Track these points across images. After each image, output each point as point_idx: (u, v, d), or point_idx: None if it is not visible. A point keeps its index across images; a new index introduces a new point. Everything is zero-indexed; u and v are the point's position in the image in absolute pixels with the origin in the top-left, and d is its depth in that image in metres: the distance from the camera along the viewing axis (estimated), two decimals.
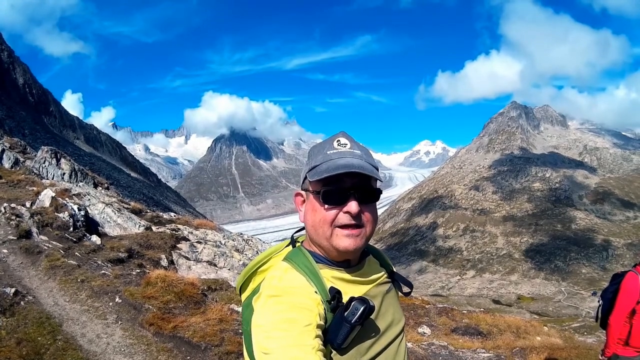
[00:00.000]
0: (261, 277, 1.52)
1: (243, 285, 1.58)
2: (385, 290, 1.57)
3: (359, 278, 1.48)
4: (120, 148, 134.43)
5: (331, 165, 1.38)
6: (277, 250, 1.59)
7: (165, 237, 11.68)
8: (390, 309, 1.54)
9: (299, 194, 1.52)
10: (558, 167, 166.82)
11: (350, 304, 1.31)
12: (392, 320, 1.52)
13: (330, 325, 1.31)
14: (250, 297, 1.51)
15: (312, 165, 1.43)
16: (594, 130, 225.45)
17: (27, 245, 8.32)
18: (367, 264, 1.55)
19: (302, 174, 1.50)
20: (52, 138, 75.27)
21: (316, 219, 1.41)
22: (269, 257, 1.56)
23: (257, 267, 1.55)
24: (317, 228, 1.42)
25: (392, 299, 1.59)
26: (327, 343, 1.30)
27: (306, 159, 1.51)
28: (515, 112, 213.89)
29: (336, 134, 1.52)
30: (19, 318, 5.77)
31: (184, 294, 7.37)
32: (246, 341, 1.47)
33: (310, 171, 1.42)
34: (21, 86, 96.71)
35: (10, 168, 19.64)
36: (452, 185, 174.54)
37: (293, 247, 1.58)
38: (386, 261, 1.68)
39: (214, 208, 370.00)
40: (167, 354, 5.57)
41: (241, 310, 1.60)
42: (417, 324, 10.28)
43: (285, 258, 1.47)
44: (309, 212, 1.44)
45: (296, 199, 1.53)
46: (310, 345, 1.17)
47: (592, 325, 62.18)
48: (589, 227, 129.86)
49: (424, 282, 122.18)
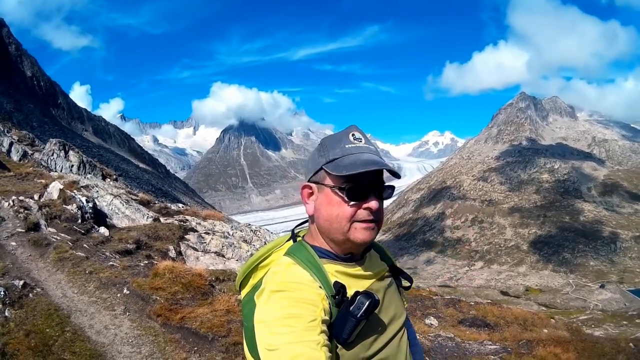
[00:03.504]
0: (262, 273, 1.50)
1: (243, 281, 1.57)
2: (387, 284, 1.56)
3: (362, 272, 1.47)
4: (128, 139, 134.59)
5: (355, 160, 1.36)
6: (278, 244, 1.57)
7: (173, 228, 11.70)
8: (392, 303, 1.54)
9: (307, 186, 1.47)
10: (566, 159, 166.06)
11: (355, 298, 1.31)
12: (394, 314, 1.52)
13: (336, 320, 1.30)
14: (250, 293, 1.50)
15: (331, 158, 1.40)
16: (602, 121, 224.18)
17: (36, 238, 8.36)
18: (368, 259, 1.53)
19: (312, 165, 1.45)
20: (61, 130, 75.53)
21: (333, 213, 1.39)
22: (269, 252, 1.54)
23: (258, 263, 1.54)
24: (332, 222, 1.39)
25: (394, 293, 1.58)
26: (332, 338, 1.29)
27: (316, 150, 1.47)
28: (524, 103, 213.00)
29: (349, 127, 1.49)
30: (27, 310, 5.81)
31: (192, 285, 7.39)
32: (246, 337, 1.46)
33: (328, 164, 1.39)
34: (29, 79, 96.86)
35: (18, 161, 19.80)
36: (461, 176, 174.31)
37: (294, 241, 1.56)
38: (387, 254, 1.67)
39: (223, 199, 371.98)
40: (175, 345, 5.59)
41: (241, 306, 1.59)
42: (425, 315, 10.27)
43: (288, 253, 1.45)
44: (324, 205, 1.41)
45: (303, 192, 1.47)
46: (316, 341, 1.16)
47: (599, 318, 62.27)
48: (597, 219, 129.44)
49: (432, 272, 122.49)
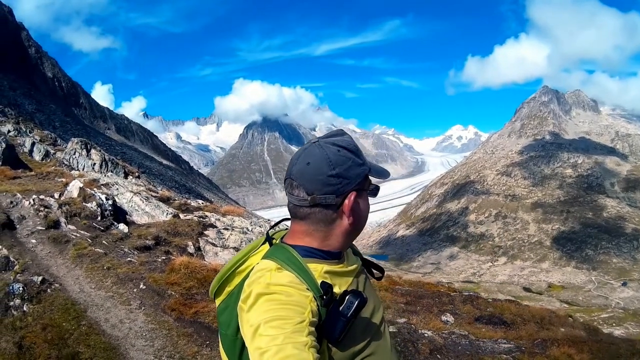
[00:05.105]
0: (239, 279, 1.52)
1: (218, 289, 1.56)
2: (364, 278, 1.60)
3: (346, 269, 1.50)
4: (151, 137, 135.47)
5: (379, 167, 1.59)
6: (253, 248, 1.58)
7: (193, 224, 11.86)
8: (372, 296, 1.55)
9: (354, 193, 1.47)
10: (590, 153, 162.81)
11: (344, 298, 1.34)
12: (374, 306, 1.55)
13: (325, 321, 1.32)
14: (227, 300, 1.52)
15: (369, 165, 1.52)
16: (625, 116, 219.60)
17: (55, 235, 8.56)
18: (347, 255, 1.57)
19: (355, 173, 1.46)
20: (83, 129, 76.38)
21: (366, 213, 1.55)
22: (245, 257, 1.56)
23: (235, 269, 1.54)
24: (364, 221, 1.54)
25: (370, 286, 1.62)
26: (322, 338, 1.31)
27: (350, 159, 1.45)
28: (546, 97, 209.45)
29: (345, 133, 1.55)
30: (45, 305, 5.98)
31: (207, 280, 7.47)
32: (224, 345, 1.50)
33: (371, 171, 1.53)
34: (50, 80, 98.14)
35: (40, 160, 20.19)
36: (485, 170, 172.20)
37: (270, 244, 1.57)
38: (355, 249, 1.71)
39: (247, 194, 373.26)
40: (187, 339, 5.68)
41: (217, 314, 1.59)
42: (441, 312, 10.20)
43: (269, 256, 1.45)
44: (365, 206, 1.54)
45: (354, 199, 1.47)
46: (304, 342, 1.17)
47: (620, 316, 61.17)
48: (620, 216, 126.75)
49: (455, 268, 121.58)
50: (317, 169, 1.41)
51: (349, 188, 1.44)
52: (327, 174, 1.41)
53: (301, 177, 1.43)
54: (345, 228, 1.47)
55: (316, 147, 1.46)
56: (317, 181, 1.41)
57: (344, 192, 1.43)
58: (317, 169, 1.41)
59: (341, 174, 1.42)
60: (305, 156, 1.45)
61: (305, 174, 1.43)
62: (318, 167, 1.42)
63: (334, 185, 1.41)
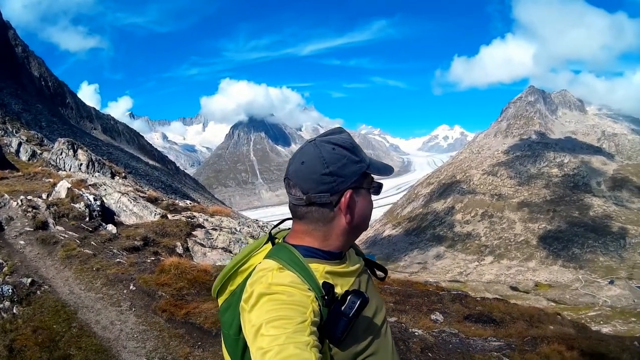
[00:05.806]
0: (241, 278, 1.52)
1: (221, 288, 1.57)
2: (367, 278, 1.60)
3: (348, 269, 1.50)
4: (137, 137, 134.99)
5: (380, 164, 1.56)
6: (256, 248, 1.58)
7: (181, 225, 11.80)
8: (374, 296, 1.56)
9: (350, 191, 1.46)
10: (576, 153, 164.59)
11: (346, 297, 1.33)
12: (376, 306, 1.55)
13: (327, 321, 1.32)
14: (229, 299, 1.53)
15: (368, 162, 1.50)
16: (612, 115, 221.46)
17: (44, 236, 8.48)
18: (349, 255, 1.58)
19: (350, 170, 1.45)
20: (70, 129, 75.88)
21: (368, 211, 1.53)
22: (248, 257, 1.56)
23: (237, 268, 1.54)
24: (367, 219, 1.53)
25: (372, 286, 1.63)
26: (324, 338, 1.31)
27: (345, 157, 1.45)
28: (533, 97, 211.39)
29: (343, 130, 1.56)
30: (35, 307, 5.93)
31: (197, 281, 7.46)
32: (227, 345, 1.50)
33: (369, 168, 1.49)
34: (37, 79, 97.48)
35: (27, 160, 20.00)
36: (471, 170, 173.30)
37: (272, 244, 1.57)
38: (358, 249, 1.71)
39: (233, 194, 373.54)
40: (179, 340, 5.66)
41: (219, 313, 1.59)
42: (430, 311, 10.23)
43: (271, 255, 1.45)
44: (365, 205, 1.51)
45: (350, 197, 1.46)
46: (305, 342, 1.16)
47: (608, 314, 61.85)
48: (607, 214, 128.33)
49: (442, 267, 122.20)
50: (311, 168, 1.42)
51: (344, 186, 1.43)
52: (320, 172, 1.41)
53: (296, 176, 1.44)
54: (344, 227, 1.47)
55: (311, 146, 1.46)
56: (311, 180, 1.42)
57: (339, 191, 1.43)
58: (311, 167, 1.42)
59: (335, 172, 1.42)
60: (300, 155, 1.46)
61: (300, 173, 1.44)
62: (312, 166, 1.42)
63: (328, 184, 1.41)
